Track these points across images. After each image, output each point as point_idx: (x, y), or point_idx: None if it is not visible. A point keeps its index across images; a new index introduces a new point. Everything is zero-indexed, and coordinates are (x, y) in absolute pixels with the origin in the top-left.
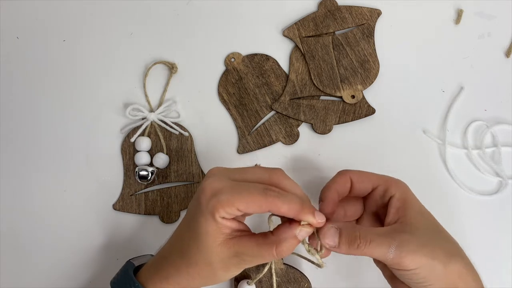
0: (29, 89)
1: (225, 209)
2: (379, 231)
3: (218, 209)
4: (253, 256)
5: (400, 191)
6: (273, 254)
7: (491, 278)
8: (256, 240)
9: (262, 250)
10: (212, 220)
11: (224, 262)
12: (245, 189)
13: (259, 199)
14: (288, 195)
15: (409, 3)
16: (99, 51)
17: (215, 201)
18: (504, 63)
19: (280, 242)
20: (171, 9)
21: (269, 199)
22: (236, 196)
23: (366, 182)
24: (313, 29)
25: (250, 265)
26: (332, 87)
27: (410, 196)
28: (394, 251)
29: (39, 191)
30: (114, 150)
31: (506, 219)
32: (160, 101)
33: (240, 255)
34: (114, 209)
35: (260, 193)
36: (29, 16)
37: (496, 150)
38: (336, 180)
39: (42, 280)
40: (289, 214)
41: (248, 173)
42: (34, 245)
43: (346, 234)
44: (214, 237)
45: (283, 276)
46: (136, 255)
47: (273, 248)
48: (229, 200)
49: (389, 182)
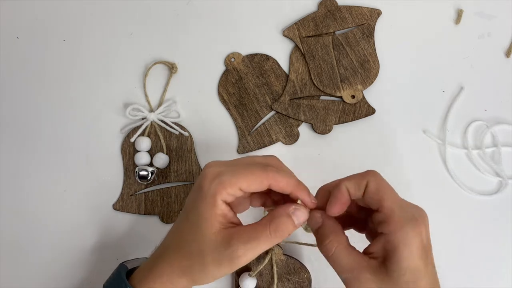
0: (29, 89)
1: (227, 190)
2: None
3: (221, 191)
4: (247, 241)
5: (397, 235)
6: (267, 234)
7: (491, 278)
8: (250, 226)
9: (258, 231)
10: (212, 205)
11: (216, 253)
12: (246, 168)
13: (259, 175)
14: (287, 170)
15: (409, 3)
16: (99, 51)
17: (217, 183)
18: (504, 63)
19: (273, 219)
20: (171, 9)
21: (269, 174)
22: (237, 175)
23: (376, 200)
24: (313, 29)
25: (244, 258)
26: (332, 87)
27: (404, 251)
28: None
29: (39, 191)
30: (114, 150)
31: (506, 219)
32: (160, 101)
33: (234, 245)
34: (114, 209)
35: (260, 170)
36: (29, 16)
37: (496, 150)
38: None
39: (42, 279)
40: (287, 188)
41: (245, 159)
42: (33, 244)
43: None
44: (210, 224)
45: (283, 268)
46: (136, 255)
47: (267, 227)
48: (231, 180)
49: (392, 218)
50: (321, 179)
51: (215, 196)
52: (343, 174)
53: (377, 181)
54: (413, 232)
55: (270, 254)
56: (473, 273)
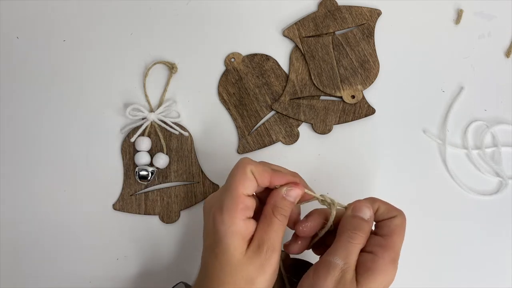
0: (29, 89)
1: (249, 167)
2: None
3: (245, 168)
4: (266, 234)
5: (384, 266)
6: (277, 221)
7: (491, 278)
8: (259, 223)
9: (271, 224)
10: (236, 226)
11: (256, 264)
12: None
13: (269, 171)
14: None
15: (409, 3)
16: (99, 51)
17: (242, 163)
18: (504, 63)
19: (269, 201)
20: (171, 9)
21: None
22: (257, 163)
23: (388, 228)
24: (313, 29)
25: (273, 250)
26: (332, 87)
27: (380, 277)
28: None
29: (39, 191)
30: (114, 150)
31: (506, 219)
32: (160, 101)
33: (261, 243)
34: (114, 209)
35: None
36: (29, 16)
37: (496, 150)
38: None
39: (42, 280)
40: (281, 181)
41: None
42: (33, 245)
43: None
44: (240, 250)
45: (293, 271)
46: (136, 255)
47: (273, 215)
48: (251, 162)
49: (391, 249)
50: (321, 179)
51: (245, 168)
52: (343, 174)
53: (403, 219)
54: (393, 270)
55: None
56: (473, 273)
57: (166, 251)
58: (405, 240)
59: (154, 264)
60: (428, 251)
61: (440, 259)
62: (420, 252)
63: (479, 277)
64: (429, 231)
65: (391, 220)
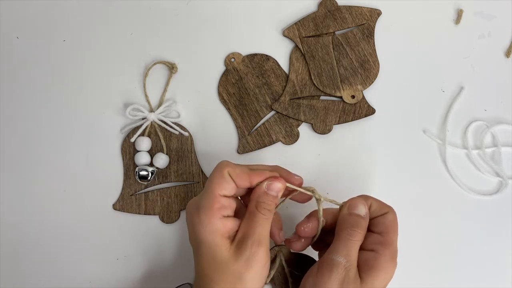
0: (29, 89)
1: (228, 169)
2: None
3: (227, 168)
4: (250, 229)
5: (386, 261)
6: (261, 216)
7: (491, 278)
8: (244, 219)
9: (254, 220)
10: (214, 225)
11: (243, 259)
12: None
13: (247, 173)
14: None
15: (409, 3)
16: (99, 51)
17: (221, 166)
18: (504, 63)
19: (253, 197)
20: (171, 9)
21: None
22: (235, 165)
23: (384, 226)
24: (313, 29)
25: (259, 244)
26: (332, 87)
27: (382, 274)
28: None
29: (39, 191)
30: (114, 150)
31: (506, 219)
32: (160, 101)
33: (245, 238)
34: (114, 209)
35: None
36: (29, 16)
37: (496, 150)
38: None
39: (42, 280)
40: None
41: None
42: (33, 245)
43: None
44: (224, 247)
45: (295, 265)
46: (136, 255)
47: (256, 211)
48: (229, 164)
49: (389, 246)
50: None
51: (222, 171)
52: (343, 174)
53: (394, 215)
54: (394, 267)
55: (279, 256)
56: (473, 273)
57: (166, 251)
58: (405, 240)
59: (154, 264)
60: (428, 251)
61: (440, 259)
62: (420, 252)
63: (479, 277)
64: (429, 231)
65: (384, 216)
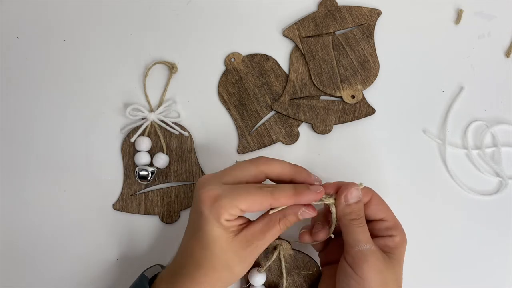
0: (29, 89)
1: (229, 211)
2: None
3: (223, 213)
4: (261, 235)
5: (402, 238)
6: (278, 229)
7: (491, 278)
8: (260, 222)
9: (270, 227)
10: (218, 225)
11: (239, 255)
12: (243, 189)
13: (258, 197)
14: (281, 186)
15: (409, 3)
16: (99, 51)
17: (217, 207)
18: (504, 63)
19: (285, 217)
20: (171, 9)
21: (267, 194)
22: (236, 197)
23: (383, 209)
24: (313, 29)
25: (262, 248)
26: (332, 87)
27: (403, 248)
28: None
29: (39, 191)
30: (114, 150)
31: (506, 219)
32: (160, 101)
33: (251, 240)
34: (114, 209)
35: (257, 191)
36: (29, 16)
37: (496, 150)
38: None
39: (42, 280)
40: (289, 202)
41: (236, 171)
42: (33, 245)
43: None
44: (225, 239)
45: (292, 262)
46: (136, 255)
47: (277, 223)
48: (231, 202)
49: (397, 225)
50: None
51: (218, 218)
52: (343, 174)
53: (379, 197)
54: (405, 236)
55: (278, 250)
56: (473, 273)
57: (166, 251)
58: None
59: (154, 264)
60: (428, 251)
61: (440, 259)
62: (420, 252)
63: (479, 277)
64: (429, 231)
65: (370, 202)
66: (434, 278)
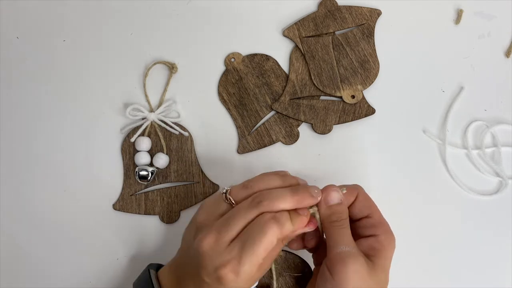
0: (28, 89)
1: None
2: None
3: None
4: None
5: (387, 239)
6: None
7: (491, 278)
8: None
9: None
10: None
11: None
12: (250, 245)
13: (267, 244)
14: (283, 218)
15: (409, 3)
16: (99, 51)
17: (223, 275)
18: (504, 63)
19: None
20: (171, 9)
21: (274, 233)
22: (244, 258)
23: (368, 206)
24: (313, 29)
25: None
26: (332, 87)
27: (389, 252)
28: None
29: (39, 191)
30: (114, 150)
31: (506, 219)
32: (160, 101)
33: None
34: (114, 209)
35: (262, 237)
36: (29, 16)
37: (496, 150)
38: (346, 186)
39: (42, 280)
40: (299, 228)
41: (236, 220)
42: (33, 245)
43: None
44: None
45: (283, 263)
46: (136, 255)
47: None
48: (239, 266)
49: (383, 223)
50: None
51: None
52: (343, 174)
53: (365, 194)
54: (393, 239)
55: None
56: (473, 273)
57: (166, 251)
58: (404, 239)
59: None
60: (427, 251)
61: (440, 259)
62: (419, 252)
63: (479, 277)
64: (428, 231)
65: (358, 200)
66: (433, 278)
